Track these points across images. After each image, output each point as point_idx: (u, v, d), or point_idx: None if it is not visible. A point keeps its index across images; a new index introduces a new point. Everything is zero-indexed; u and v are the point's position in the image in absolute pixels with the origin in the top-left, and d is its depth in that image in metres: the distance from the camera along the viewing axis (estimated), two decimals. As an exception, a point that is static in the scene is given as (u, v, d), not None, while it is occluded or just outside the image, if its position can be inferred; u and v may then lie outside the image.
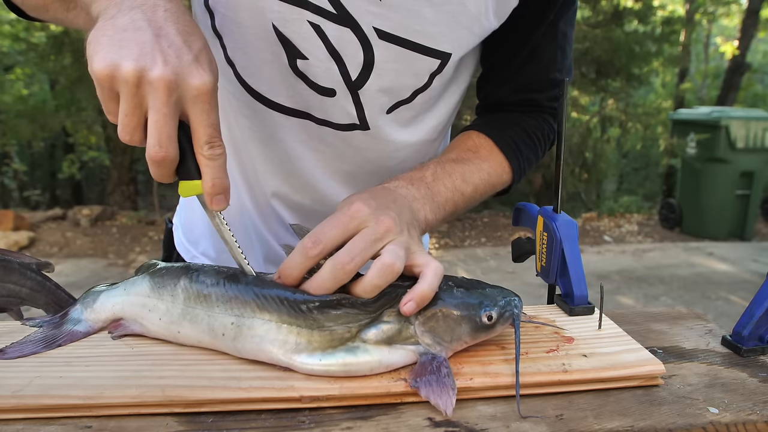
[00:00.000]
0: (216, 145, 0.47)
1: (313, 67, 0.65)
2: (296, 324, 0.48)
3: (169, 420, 0.44)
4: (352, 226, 0.50)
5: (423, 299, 0.48)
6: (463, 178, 0.68)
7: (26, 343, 0.52)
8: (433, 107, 0.74)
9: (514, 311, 0.51)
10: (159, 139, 0.45)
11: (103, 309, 0.56)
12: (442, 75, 0.68)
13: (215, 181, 0.48)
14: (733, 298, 3.92)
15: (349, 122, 0.69)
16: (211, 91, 0.46)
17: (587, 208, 7.06)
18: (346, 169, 0.74)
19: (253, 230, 0.80)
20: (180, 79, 0.45)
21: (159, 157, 0.46)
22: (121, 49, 0.44)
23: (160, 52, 0.45)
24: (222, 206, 0.50)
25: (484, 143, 0.74)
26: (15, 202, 8.41)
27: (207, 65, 0.47)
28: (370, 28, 0.62)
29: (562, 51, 0.74)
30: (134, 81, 0.44)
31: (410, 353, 0.49)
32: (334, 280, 0.48)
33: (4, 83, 6.79)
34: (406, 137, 0.73)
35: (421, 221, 0.60)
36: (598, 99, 6.39)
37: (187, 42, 0.47)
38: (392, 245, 0.50)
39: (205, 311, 0.51)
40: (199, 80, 0.45)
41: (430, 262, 0.51)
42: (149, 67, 0.44)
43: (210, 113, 0.47)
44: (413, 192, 0.62)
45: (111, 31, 0.46)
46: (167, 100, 0.44)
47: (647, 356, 0.52)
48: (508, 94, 0.77)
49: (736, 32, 8.65)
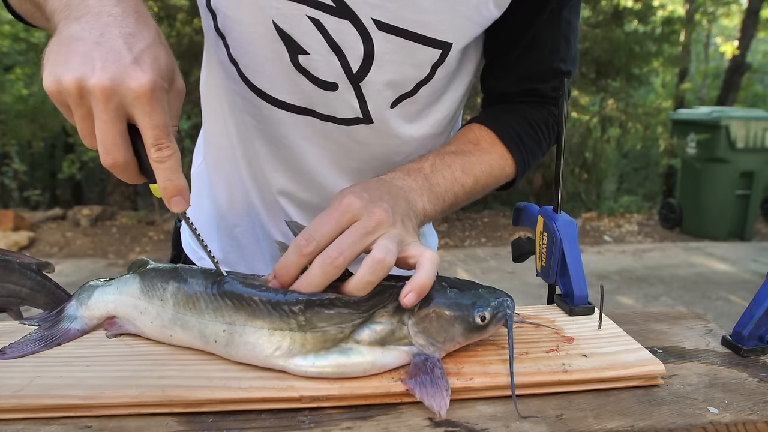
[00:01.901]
0: (163, 147, 0.46)
1: (314, 62, 0.65)
2: (288, 328, 0.48)
3: (169, 420, 0.44)
4: (344, 220, 0.50)
5: (423, 289, 0.48)
6: (463, 169, 0.67)
7: (25, 343, 0.52)
8: (438, 101, 0.74)
9: (506, 312, 0.51)
10: (104, 146, 0.45)
11: (97, 306, 0.56)
12: (444, 66, 0.68)
13: (166, 183, 0.47)
14: (733, 298, 3.92)
15: (352, 116, 0.69)
16: (150, 91, 0.45)
17: (587, 208, 7.06)
18: (352, 165, 0.74)
19: (261, 229, 0.80)
20: (117, 83, 0.44)
21: (108, 164, 0.46)
22: (64, 63, 0.45)
23: (99, 59, 0.44)
24: (181, 208, 0.48)
25: (485, 135, 0.73)
26: (15, 202, 8.41)
27: (149, 65, 0.46)
28: (368, 19, 0.62)
29: (566, 40, 0.72)
30: (76, 92, 0.44)
31: (404, 354, 0.49)
32: (325, 276, 0.48)
33: (4, 83, 6.78)
34: (411, 131, 0.73)
35: (418, 212, 0.59)
36: (598, 99, 6.39)
37: (128, 44, 0.46)
38: (383, 239, 0.49)
39: (196, 318, 0.51)
40: (136, 82, 0.44)
41: (425, 251, 0.50)
42: (88, 76, 0.44)
43: (153, 114, 0.45)
44: (410, 183, 0.61)
45: (57, 45, 0.46)
46: (105, 107, 0.44)
47: (647, 356, 0.52)
48: (511, 85, 0.76)
49: (736, 32, 8.65)
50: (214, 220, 0.83)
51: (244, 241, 0.82)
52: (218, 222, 0.83)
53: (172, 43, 4.64)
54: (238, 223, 0.81)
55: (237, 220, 0.81)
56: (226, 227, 0.82)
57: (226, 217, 0.81)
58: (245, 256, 0.82)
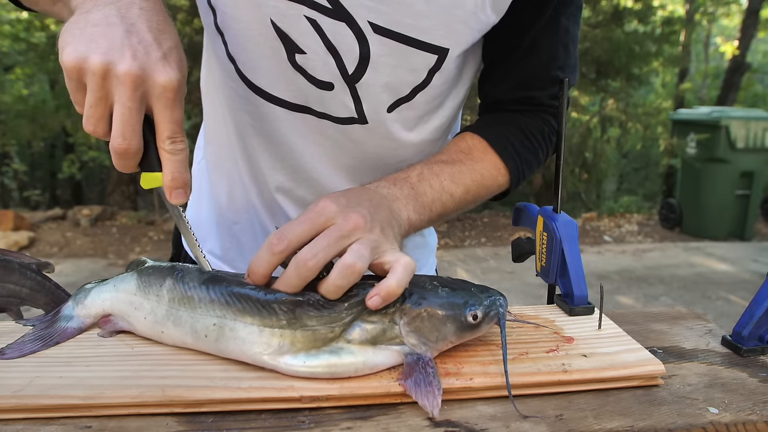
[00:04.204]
0: (178, 141, 0.49)
1: (311, 61, 0.66)
2: (278, 326, 0.48)
3: (169, 420, 0.44)
4: (319, 222, 0.50)
5: (389, 294, 0.47)
6: (452, 178, 0.67)
7: (23, 343, 0.53)
8: (437, 108, 0.73)
9: (499, 310, 0.51)
10: (123, 131, 0.47)
11: (93, 305, 0.56)
12: (441, 72, 0.67)
13: (175, 174, 0.49)
14: (733, 298, 3.92)
15: (347, 116, 0.69)
16: (177, 88, 0.48)
17: (587, 208, 7.06)
18: (347, 162, 0.74)
19: (259, 226, 0.80)
20: (146, 75, 0.46)
21: (122, 149, 0.47)
22: (91, 43, 0.46)
23: (130, 47, 0.46)
24: (181, 200, 0.50)
25: (477, 144, 0.72)
26: (15, 202, 8.41)
27: (175, 63, 0.48)
28: (364, 22, 0.62)
29: (565, 48, 0.71)
30: (101, 74, 0.46)
31: (395, 354, 0.49)
32: (299, 278, 0.48)
33: (4, 83, 6.79)
34: (410, 137, 0.73)
35: (402, 221, 0.59)
36: (598, 99, 6.39)
37: (157, 40, 0.48)
38: (357, 244, 0.49)
39: (188, 313, 0.51)
40: (165, 77, 0.47)
41: (400, 258, 0.50)
42: (117, 61, 0.46)
43: (174, 109, 0.48)
44: (395, 192, 0.61)
45: (83, 24, 0.48)
46: (132, 94, 0.46)
47: (647, 356, 0.52)
48: (506, 92, 0.75)
49: (736, 32, 8.65)
50: (214, 218, 0.84)
51: (243, 238, 0.82)
52: (218, 219, 0.83)
53: (172, 43, 4.61)
54: (237, 221, 0.81)
55: (236, 218, 0.81)
56: (226, 224, 0.83)
57: (226, 215, 0.82)
58: (244, 253, 0.83)
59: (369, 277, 0.52)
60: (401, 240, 0.58)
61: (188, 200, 0.51)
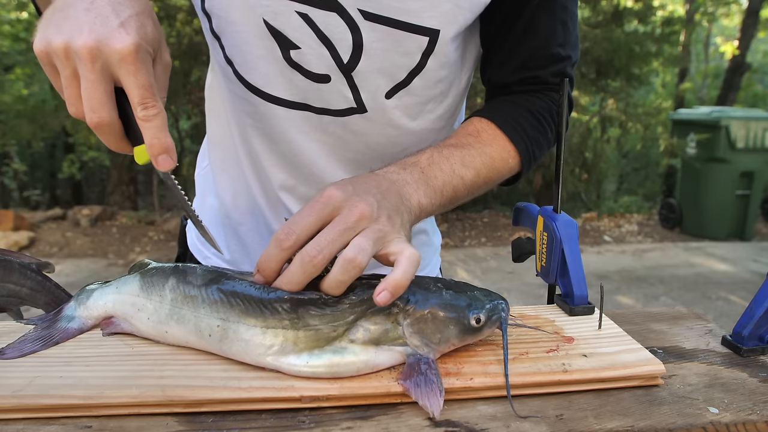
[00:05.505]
0: (149, 106, 0.48)
1: (305, 56, 0.66)
2: (281, 326, 0.48)
3: (169, 420, 0.44)
4: (325, 212, 0.50)
5: (396, 287, 0.46)
6: (462, 162, 0.66)
7: (23, 342, 0.53)
8: (437, 94, 0.73)
9: (501, 314, 0.51)
10: (90, 104, 0.48)
11: (95, 306, 0.56)
12: (436, 55, 0.67)
13: (153, 141, 0.49)
14: (733, 298, 3.92)
15: (346, 106, 0.69)
16: (135, 52, 0.47)
17: (587, 208, 7.06)
18: (349, 156, 0.74)
19: (265, 227, 0.80)
20: (102, 44, 0.47)
21: (94, 123, 0.48)
22: (55, 27, 0.48)
23: (87, 23, 0.47)
24: (168, 166, 0.50)
25: (486, 127, 0.71)
26: (15, 202, 8.41)
27: (134, 30, 0.48)
28: (355, 10, 0.63)
29: (563, 24, 0.70)
30: (63, 53, 0.47)
31: (397, 354, 0.49)
32: (304, 275, 0.48)
33: (4, 83, 6.79)
34: (409, 124, 0.73)
35: (413, 206, 0.58)
36: (598, 99, 6.39)
37: (116, 10, 0.48)
38: (360, 237, 0.48)
39: (192, 312, 0.51)
40: (121, 43, 0.47)
41: (405, 249, 0.49)
42: (75, 38, 0.47)
43: (138, 74, 0.48)
44: (405, 176, 0.60)
45: (50, 13, 0.49)
46: (92, 66, 0.47)
47: (647, 356, 0.52)
48: (509, 74, 0.74)
49: (736, 32, 8.65)
50: (220, 220, 0.84)
51: (248, 239, 0.82)
52: (223, 221, 0.84)
53: (172, 43, 4.64)
54: (242, 222, 0.82)
55: (241, 219, 0.82)
56: (231, 226, 0.83)
57: (231, 216, 0.82)
58: (250, 254, 0.83)
59: (372, 276, 0.52)
60: (410, 226, 0.57)
61: (176, 165, 0.51)
